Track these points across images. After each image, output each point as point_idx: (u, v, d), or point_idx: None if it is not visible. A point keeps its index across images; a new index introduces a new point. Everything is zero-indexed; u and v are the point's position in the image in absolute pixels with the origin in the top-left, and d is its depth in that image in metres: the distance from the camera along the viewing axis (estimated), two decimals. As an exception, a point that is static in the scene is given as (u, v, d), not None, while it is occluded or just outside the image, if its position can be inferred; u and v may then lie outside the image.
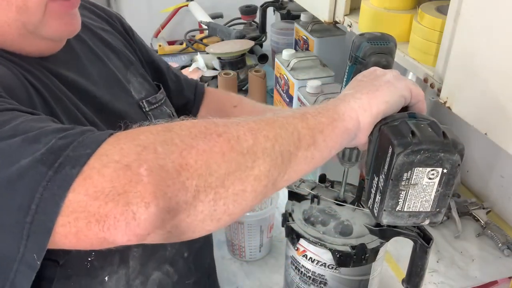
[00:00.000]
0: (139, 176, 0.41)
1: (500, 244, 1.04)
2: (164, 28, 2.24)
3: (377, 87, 0.57)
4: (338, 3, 1.03)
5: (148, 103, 0.76)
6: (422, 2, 0.86)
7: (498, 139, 0.65)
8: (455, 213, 1.10)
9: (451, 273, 1.00)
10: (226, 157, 0.44)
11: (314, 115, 0.52)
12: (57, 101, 0.58)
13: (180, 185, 0.42)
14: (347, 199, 0.80)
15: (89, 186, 0.40)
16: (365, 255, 0.72)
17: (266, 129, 0.48)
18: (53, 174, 0.41)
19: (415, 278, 0.74)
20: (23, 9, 0.54)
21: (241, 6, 1.94)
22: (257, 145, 0.46)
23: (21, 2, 0.54)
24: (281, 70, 1.30)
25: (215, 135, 0.45)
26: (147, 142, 0.43)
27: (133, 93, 0.75)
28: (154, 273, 0.70)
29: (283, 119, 0.50)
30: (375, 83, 0.57)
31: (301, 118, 0.51)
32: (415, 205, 0.55)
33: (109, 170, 0.41)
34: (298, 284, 0.80)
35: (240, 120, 0.49)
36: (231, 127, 0.47)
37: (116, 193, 0.40)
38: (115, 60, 0.75)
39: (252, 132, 0.47)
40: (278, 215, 0.98)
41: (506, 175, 1.12)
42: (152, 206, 0.41)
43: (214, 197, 0.44)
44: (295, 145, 0.50)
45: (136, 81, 0.77)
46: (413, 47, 0.82)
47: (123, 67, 0.76)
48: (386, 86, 0.57)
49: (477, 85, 0.67)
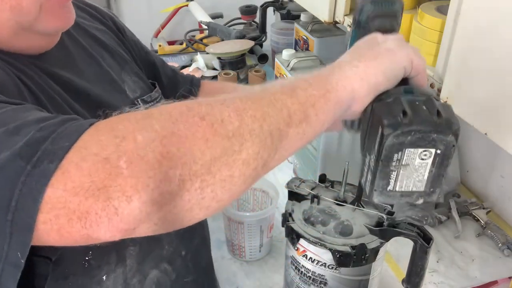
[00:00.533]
0: (119, 169, 0.39)
1: (500, 244, 1.04)
2: (164, 28, 2.24)
3: (376, 55, 0.52)
4: (338, 3, 1.03)
5: (143, 102, 0.75)
6: (422, 2, 0.86)
7: (498, 139, 0.65)
8: (455, 213, 1.10)
9: (451, 273, 1.00)
10: (210, 142, 0.42)
11: (304, 88, 0.49)
12: (51, 100, 0.57)
13: (162, 175, 0.40)
14: (347, 199, 0.80)
15: (67, 181, 0.39)
16: (365, 255, 0.72)
17: (253, 108, 0.45)
18: (31, 168, 0.39)
19: (415, 278, 0.74)
20: (17, 9, 0.53)
21: (241, 6, 1.94)
22: (244, 127, 0.43)
23: (14, 1, 0.52)
24: (281, 70, 1.30)
25: (197, 117, 0.42)
26: (126, 131, 0.40)
27: (127, 92, 0.74)
28: (152, 272, 0.70)
29: (271, 96, 0.47)
30: (374, 50, 0.53)
31: (291, 93, 0.48)
32: (408, 185, 0.53)
33: (88, 164, 0.39)
34: (298, 284, 0.80)
35: (226, 98, 0.45)
36: (214, 107, 0.44)
37: (96, 188, 0.38)
38: (109, 59, 0.75)
39: (237, 112, 0.44)
40: (278, 215, 0.98)
41: (506, 175, 1.12)
42: (135, 200, 0.39)
43: (201, 185, 0.42)
44: (285, 122, 0.46)
45: (130, 80, 0.76)
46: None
47: (117, 66, 0.75)
48: (386, 54, 0.53)
49: (477, 85, 0.67)
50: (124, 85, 0.74)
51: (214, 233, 1.09)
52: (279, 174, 1.29)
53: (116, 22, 0.83)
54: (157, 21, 2.24)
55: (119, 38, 0.81)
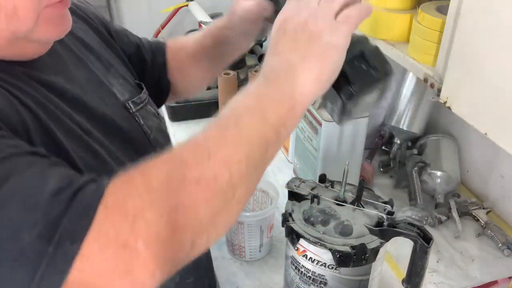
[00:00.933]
0: (138, 251, 0.42)
1: (500, 244, 1.04)
2: (164, 28, 2.24)
3: (322, 51, 0.54)
4: (338, 3, 1.03)
5: (133, 104, 0.74)
6: (422, 2, 0.86)
7: (498, 139, 0.65)
8: (455, 213, 1.10)
9: (451, 273, 1.00)
10: (210, 201, 0.46)
11: (272, 109, 0.52)
12: (49, 115, 0.56)
13: (177, 245, 0.44)
14: (347, 199, 0.80)
15: (91, 264, 0.42)
16: (365, 255, 0.72)
17: (236, 150, 0.48)
18: (54, 250, 0.41)
19: (415, 278, 0.74)
20: (13, 18, 0.51)
21: (241, 6, 1.94)
22: (234, 176, 0.47)
23: (10, 9, 0.50)
24: (281, 70, 1.30)
25: (193, 183, 0.46)
26: (135, 210, 0.43)
27: (118, 95, 0.73)
28: None
29: (247, 127, 0.50)
30: (317, 46, 0.54)
31: (262, 118, 0.51)
32: (362, 110, 0.65)
33: (109, 249, 0.42)
34: (298, 284, 0.80)
35: (209, 148, 0.48)
36: (203, 164, 0.47)
37: (121, 270, 0.42)
38: (96, 62, 0.73)
39: (225, 164, 0.47)
40: (278, 215, 0.98)
41: (506, 175, 1.12)
42: (157, 273, 0.43)
43: (207, 237, 0.47)
44: (264, 150, 0.51)
45: (118, 83, 0.75)
46: (413, 47, 0.82)
47: (104, 69, 0.74)
48: (330, 50, 0.54)
49: (477, 85, 0.67)
50: (113, 88, 0.73)
51: (214, 233, 1.09)
52: (279, 174, 1.29)
53: (99, 18, 0.81)
54: (157, 21, 2.24)
55: (102, 36, 0.79)
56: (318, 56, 0.54)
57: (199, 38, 0.92)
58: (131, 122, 0.72)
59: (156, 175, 0.46)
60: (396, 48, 0.86)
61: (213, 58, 0.91)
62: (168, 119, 1.53)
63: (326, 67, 0.54)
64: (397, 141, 1.29)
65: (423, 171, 1.18)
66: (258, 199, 1.07)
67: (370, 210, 0.77)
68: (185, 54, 0.92)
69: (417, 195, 1.15)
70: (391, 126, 1.29)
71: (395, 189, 1.24)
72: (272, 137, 0.51)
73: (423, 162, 1.19)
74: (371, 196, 0.81)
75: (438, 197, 1.16)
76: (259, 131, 0.50)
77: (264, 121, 0.51)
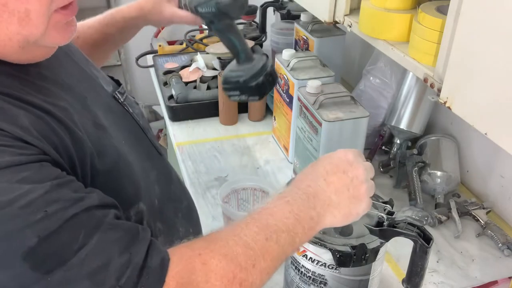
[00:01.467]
0: None
1: (500, 244, 1.04)
2: (164, 28, 2.24)
3: (350, 212, 0.67)
4: (338, 3, 1.03)
5: (120, 94, 0.77)
6: (422, 2, 0.86)
7: (498, 139, 0.65)
8: (455, 213, 1.10)
9: (451, 273, 1.00)
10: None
11: (302, 237, 0.63)
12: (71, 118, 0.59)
13: None
14: (347, 199, 0.80)
15: None
16: (365, 255, 0.72)
17: (273, 265, 0.60)
18: None
19: (415, 278, 0.74)
20: (25, 21, 0.52)
21: (241, 6, 1.94)
22: (262, 282, 0.59)
23: (23, 13, 0.51)
24: (281, 70, 1.30)
25: (237, 284, 0.56)
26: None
27: (105, 87, 0.75)
28: None
29: (283, 245, 0.61)
30: (352, 206, 0.67)
31: (293, 240, 0.62)
32: None
33: None
34: (298, 284, 0.80)
35: (255, 252, 0.58)
36: (248, 269, 0.57)
37: None
38: (78, 55, 0.75)
39: (262, 274, 0.58)
40: (278, 215, 0.98)
41: (506, 175, 1.12)
42: None
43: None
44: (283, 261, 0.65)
45: (100, 75, 0.77)
46: (413, 47, 0.82)
47: (85, 61, 0.76)
48: (355, 215, 0.67)
49: (477, 85, 0.67)
50: (99, 80, 0.75)
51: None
52: (279, 174, 1.29)
53: None
54: (157, 21, 2.24)
55: None
56: (347, 214, 0.67)
57: (98, 26, 0.94)
58: (123, 111, 0.76)
59: (215, 271, 0.54)
60: (396, 48, 0.86)
61: (115, 45, 0.97)
62: (168, 119, 1.53)
63: (346, 218, 0.67)
64: (397, 141, 1.29)
65: (423, 171, 1.18)
66: (258, 199, 1.07)
67: (370, 210, 0.77)
68: (82, 42, 0.91)
69: (417, 195, 1.16)
70: (391, 126, 1.29)
71: (395, 189, 1.24)
72: (292, 253, 0.64)
73: (423, 162, 1.19)
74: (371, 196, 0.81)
75: (438, 197, 1.16)
76: (288, 251, 0.62)
77: (293, 244, 0.63)
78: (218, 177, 1.27)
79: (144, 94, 2.33)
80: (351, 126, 1.06)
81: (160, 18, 0.96)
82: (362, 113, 1.07)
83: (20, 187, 0.48)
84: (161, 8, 0.95)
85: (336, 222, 0.67)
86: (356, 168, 0.67)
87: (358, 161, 0.68)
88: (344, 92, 1.13)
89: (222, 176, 1.27)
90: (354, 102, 1.11)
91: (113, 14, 0.95)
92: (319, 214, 0.65)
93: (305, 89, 1.15)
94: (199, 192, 1.22)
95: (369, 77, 1.37)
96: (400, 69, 1.30)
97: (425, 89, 1.23)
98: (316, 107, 1.08)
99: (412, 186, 1.17)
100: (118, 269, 0.49)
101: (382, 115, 1.34)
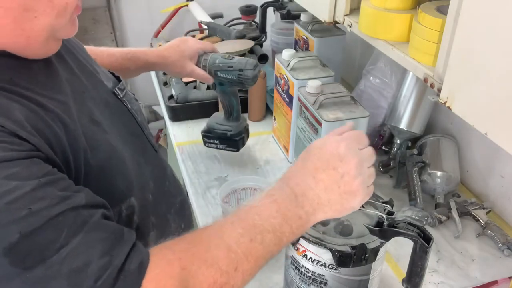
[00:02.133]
0: None
1: (500, 244, 1.04)
2: (164, 28, 2.24)
3: (343, 208, 0.66)
4: (338, 3, 1.03)
5: (120, 90, 0.79)
6: (422, 2, 0.86)
7: (498, 139, 0.65)
8: (455, 213, 1.10)
9: (451, 273, 1.00)
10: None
11: (289, 236, 0.64)
12: (69, 113, 0.60)
13: None
14: (347, 199, 0.79)
15: None
16: (365, 255, 0.72)
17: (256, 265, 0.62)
18: None
19: (415, 278, 0.74)
20: (61, 14, 0.56)
21: (241, 6, 1.94)
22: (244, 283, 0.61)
23: (62, 7, 0.55)
24: (281, 70, 1.30)
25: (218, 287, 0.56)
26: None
27: (105, 82, 0.77)
28: None
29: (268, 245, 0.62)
30: (344, 202, 0.65)
31: (280, 240, 0.63)
32: None
33: None
34: (298, 284, 0.80)
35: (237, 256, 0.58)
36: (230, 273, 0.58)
37: None
38: (81, 52, 0.76)
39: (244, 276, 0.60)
40: (278, 215, 0.98)
41: (506, 175, 1.12)
42: None
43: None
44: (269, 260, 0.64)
45: (101, 70, 0.79)
46: (413, 47, 0.82)
47: (88, 57, 0.78)
48: (348, 210, 0.66)
49: (477, 85, 0.67)
50: (99, 75, 0.76)
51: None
52: (279, 174, 1.29)
53: None
54: (157, 21, 2.24)
55: None
56: (339, 209, 0.66)
57: (119, 57, 1.01)
58: (121, 107, 0.78)
59: (194, 276, 0.54)
60: (396, 48, 0.86)
61: (125, 77, 0.99)
62: (168, 119, 1.53)
63: (336, 216, 0.67)
64: (397, 141, 1.29)
65: (423, 171, 1.18)
66: (258, 199, 1.07)
67: (370, 210, 0.77)
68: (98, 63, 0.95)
69: (417, 195, 1.15)
70: (391, 126, 1.29)
71: (395, 189, 1.24)
72: (278, 252, 0.64)
73: (423, 162, 1.19)
74: (371, 196, 0.81)
75: (438, 197, 1.16)
76: (274, 251, 0.62)
77: (280, 243, 0.63)
78: (218, 177, 1.27)
79: (144, 94, 2.33)
80: (351, 126, 1.06)
81: (181, 71, 1.09)
82: (362, 113, 1.07)
83: (8, 183, 0.48)
84: (184, 63, 1.07)
85: (328, 217, 0.67)
86: (347, 163, 0.65)
87: (351, 153, 0.65)
88: (344, 92, 1.13)
89: (222, 176, 1.27)
90: (354, 102, 1.11)
91: (136, 53, 1.03)
92: (307, 212, 0.64)
93: (305, 89, 1.15)
94: (199, 192, 1.22)
95: (369, 77, 1.37)
96: (400, 69, 1.30)
97: (425, 89, 1.23)
98: (316, 107, 1.08)
99: (412, 186, 1.17)
100: (97, 270, 0.50)
101: (382, 115, 1.34)
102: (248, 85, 1.13)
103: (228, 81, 1.12)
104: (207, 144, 1.25)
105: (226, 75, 1.11)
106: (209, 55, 1.13)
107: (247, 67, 1.11)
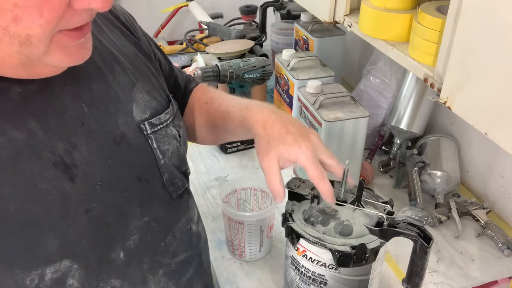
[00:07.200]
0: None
1: (500, 244, 1.04)
2: (164, 28, 2.24)
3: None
4: (338, 3, 1.03)
5: (150, 125, 0.69)
6: (422, 2, 0.86)
7: (498, 139, 0.65)
8: (455, 213, 1.10)
9: (451, 273, 1.00)
10: None
11: None
12: None
13: None
14: (347, 199, 0.80)
15: None
16: (365, 255, 0.72)
17: None
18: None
19: (415, 278, 0.74)
20: (26, 44, 0.49)
21: (241, 6, 1.94)
22: None
23: (24, 37, 0.48)
24: (281, 70, 1.30)
25: None
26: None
27: (134, 114, 0.67)
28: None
29: None
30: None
31: None
32: None
33: None
34: (298, 284, 0.80)
35: None
36: None
37: None
38: (121, 75, 0.68)
39: None
40: (278, 215, 0.98)
41: (506, 175, 1.13)
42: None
43: None
44: None
45: (142, 99, 0.69)
46: (413, 47, 0.82)
47: (129, 83, 0.69)
48: None
49: (477, 85, 0.67)
50: (132, 105, 0.68)
51: (214, 233, 1.09)
52: (279, 174, 1.29)
53: (130, 22, 0.79)
54: (157, 21, 2.24)
55: (141, 50, 0.76)
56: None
57: (229, 115, 0.85)
58: (141, 145, 0.68)
59: None
60: (396, 48, 0.87)
61: (219, 135, 0.92)
62: (168, 119, 1.53)
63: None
64: (397, 141, 1.29)
65: (423, 171, 1.18)
66: (258, 199, 1.07)
67: (370, 210, 0.77)
68: (208, 108, 0.89)
69: (417, 195, 1.16)
70: (391, 126, 1.29)
71: (395, 189, 1.24)
72: None
73: (423, 162, 1.19)
74: (371, 196, 0.81)
75: (438, 197, 1.16)
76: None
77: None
78: (218, 177, 1.27)
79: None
80: (351, 126, 1.06)
81: (260, 154, 0.81)
82: (362, 113, 1.07)
83: None
84: (269, 152, 0.80)
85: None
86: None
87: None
88: (344, 92, 1.13)
89: (222, 176, 1.27)
90: (354, 102, 1.11)
91: (245, 117, 0.82)
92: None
93: (305, 89, 1.15)
94: (199, 192, 1.22)
95: (369, 77, 1.37)
96: (400, 69, 1.30)
97: (425, 89, 1.23)
98: (316, 107, 1.08)
99: (412, 186, 1.17)
100: None
101: (382, 115, 1.34)
102: (267, 78, 1.27)
103: (251, 80, 1.25)
104: (229, 150, 1.33)
105: (252, 74, 1.25)
106: (225, 64, 1.26)
107: (266, 63, 1.28)
